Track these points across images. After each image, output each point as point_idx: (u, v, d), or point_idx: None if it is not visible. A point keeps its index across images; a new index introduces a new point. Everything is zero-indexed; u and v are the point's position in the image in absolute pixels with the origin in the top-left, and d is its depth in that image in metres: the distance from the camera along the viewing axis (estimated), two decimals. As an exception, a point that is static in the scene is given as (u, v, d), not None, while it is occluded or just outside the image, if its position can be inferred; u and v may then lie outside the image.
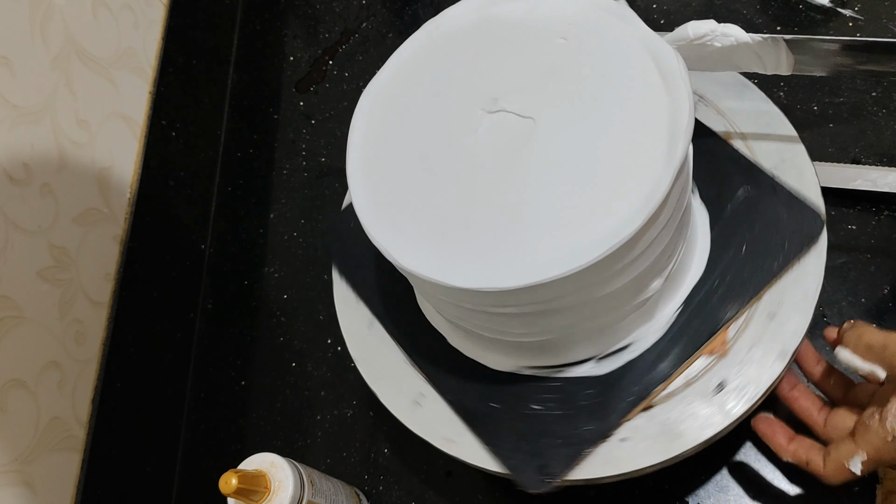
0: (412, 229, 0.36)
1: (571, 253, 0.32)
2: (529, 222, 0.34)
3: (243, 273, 0.70)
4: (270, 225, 0.72)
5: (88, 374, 0.57)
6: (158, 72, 0.71)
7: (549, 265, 0.32)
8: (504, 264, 0.33)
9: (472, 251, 0.35)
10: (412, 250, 0.36)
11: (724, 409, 0.40)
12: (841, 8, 0.62)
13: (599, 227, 0.33)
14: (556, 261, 0.32)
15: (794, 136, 0.47)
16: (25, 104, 0.55)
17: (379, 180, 0.38)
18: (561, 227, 0.34)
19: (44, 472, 0.51)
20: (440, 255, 0.35)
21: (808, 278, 0.42)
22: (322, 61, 0.79)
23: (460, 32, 0.41)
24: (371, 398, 0.47)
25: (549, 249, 0.33)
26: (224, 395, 0.65)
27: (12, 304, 0.51)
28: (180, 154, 0.72)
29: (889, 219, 0.54)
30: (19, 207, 0.53)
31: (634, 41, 0.37)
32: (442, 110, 0.39)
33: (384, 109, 0.41)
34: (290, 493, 0.45)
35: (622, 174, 0.34)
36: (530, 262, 0.33)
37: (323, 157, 0.74)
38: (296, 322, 0.66)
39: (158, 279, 0.66)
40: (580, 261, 0.32)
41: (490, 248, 0.34)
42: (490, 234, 0.35)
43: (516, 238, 0.34)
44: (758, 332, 0.41)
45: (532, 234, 0.34)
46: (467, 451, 0.42)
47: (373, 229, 0.37)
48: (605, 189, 0.34)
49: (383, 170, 0.39)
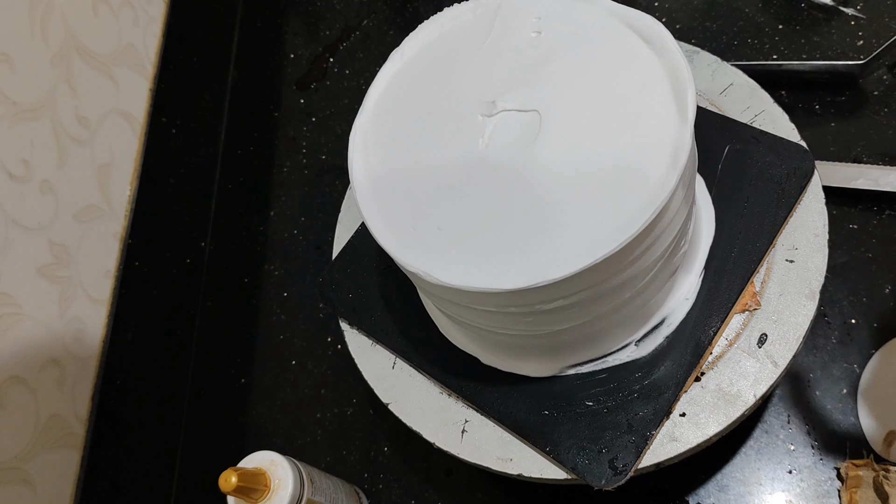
0: (441, 245, 0.35)
1: (611, 231, 0.32)
2: (557, 212, 0.34)
3: (243, 271, 0.70)
4: (270, 222, 0.72)
5: (88, 371, 0.57)
6: (159, 69, 0.71)
7: (593, 247, 0.32)
8: (545, 258, 0.33)
9: (507, 252, 0.34)
10: (448, 266, 0.34)
11: (772, 360, 0.40)
12: (843, 6, 0.62)
13: (631, 202, 0.33)
14: (598, 242, 0.32)
15: (756, 85, 0.48)
16: (25, 101, 0.55)
17: (393, 202, 0.37)
18: (591, 209, 0.33)
19: (43, 470, 0.51)
20: (476, 265, 0.34)
21: (814, 217, 0.43)
22: (323, 59, 0.79)
23: (430, 49, 0.41)
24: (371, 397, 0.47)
25: (586, 234, 0.33)
26: (224, 392, 0.65)
27: (12, 302, 0.51)
28: (180, 151, 0.72)
29: (890, 218, 0.54)
30: (19, 204, 0.53)
31: (609, 18, 0.38)
32: (441, 123, 0.39)
33: (381, 132, 0.40)
34: (290, 492, 0.45)
35: (641, 144, 0.34)
36: (570, 251, 0.33)
37: (323, 154, 0.74)
38: (296, 320, 0.66)
39: (158, 277, 0.66)
40: (624, 234, 0.32)
41: (525, 245, 0.34)
42: (520, 232, 0.34)
43: (547, 231, 0.34)
44: (782, 278, 0.42)
45: (563, 223, 0.34)
46: (529, 466, 0.41)
47: (403, 255, 0.35)
48: (627, 163, 0.34)
49: (396, 192, 0.38)
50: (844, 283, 0.53)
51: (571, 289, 0.33)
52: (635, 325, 0.41)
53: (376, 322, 0.48)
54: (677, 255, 0.39)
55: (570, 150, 0.35)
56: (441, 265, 0.34)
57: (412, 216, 0.37)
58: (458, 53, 0.40)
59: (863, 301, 0.53)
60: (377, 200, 0.38)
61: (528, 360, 0.43)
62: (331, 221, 0.53)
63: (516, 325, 0.38)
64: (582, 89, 0.37)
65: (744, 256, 0.42)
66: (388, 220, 0.37)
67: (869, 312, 0.52)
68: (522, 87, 0.38)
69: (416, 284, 0.41)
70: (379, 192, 0.38)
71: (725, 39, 0.64)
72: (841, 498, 0.48)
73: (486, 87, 0.39)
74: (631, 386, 0.41)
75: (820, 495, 0.48)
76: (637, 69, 0.36)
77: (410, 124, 0.39)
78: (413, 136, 0.39)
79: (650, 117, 0.34)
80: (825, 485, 0.49)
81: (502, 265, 0.34)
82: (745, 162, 0.45)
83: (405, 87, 0.41)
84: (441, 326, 0.46)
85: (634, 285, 0.37)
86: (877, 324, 0.52)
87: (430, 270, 0.34)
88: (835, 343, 0.52)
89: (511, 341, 0.40)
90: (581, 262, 0.32)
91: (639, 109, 0.35)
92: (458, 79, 0.40)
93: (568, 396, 0.42)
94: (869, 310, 0.52)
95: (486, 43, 0.40)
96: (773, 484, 0.49)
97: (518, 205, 0.35)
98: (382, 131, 0.40)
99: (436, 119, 0.39)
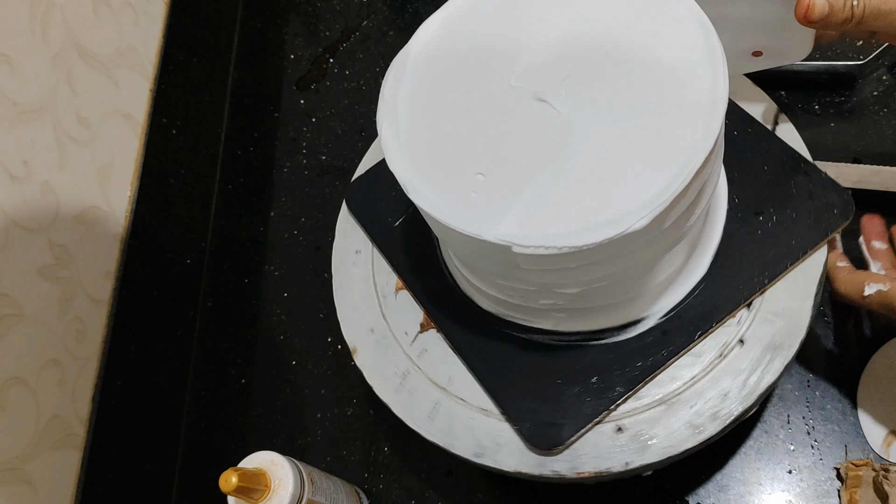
0: (483, 203, 0.35)
1: (658, 185, 0.33)
2: (607, 168, 0.34)
3: (243, 271, 0.70)
4: (271, 223, 0.72)
5: (89, 372, 0.57)
6: (159, 69, 0.71)
7: (650, 201, 0.33)
8: (602, 217, 0.33)
9: (554, 212, 0.34)
10: (496, 223, 0.35)
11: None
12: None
13: (670, 163, 0.33)
14: (629, 213, 0.33)
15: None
16: (26, 101, 0.55)
17: (424, 157, 0.37)
18: (635, 167, 0.34)
19: (44, 471, 0.51)
20: (532, 222, 0.34)
21: None
22: (323, 59, 0.79)
23: (473, 11, 0.41)
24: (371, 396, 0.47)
25: (632, 187, 0.33)
26: (224, 393, 0.65)
27: (13, 302, 0.51)
28: (181, 152, 0.72)
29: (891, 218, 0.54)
30: (20, 205, 0.53)
31: None
32: (477, 85, 0.39)
33: (415, 92, 0.40)
34: (291, 492, 0.45)
35: (678, 96, 0.35)
36: (627, 203, 0.33)
37: (324, 155, 0.74)
38: (296, 320, 0.66)
39: (159, 277, 0.66)
40: (674, 186, 0.32)
41: (578, 204, 0.34)
42: (571, 192, 0.34)
43: (597, 187, 0.34)
44: None
45: (614, 177, 0.34)
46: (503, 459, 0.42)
47: (454, 219, 0.35)
48: (662, 125, 0.35)
49: (427, 147, 0.38)
50: (844, 283, 0.53)
51: (635, 241, 0.34)
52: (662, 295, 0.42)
53: (389, 241, 0.50)
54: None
55: (607, 127, 0.36)
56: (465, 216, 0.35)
57: (445, 168, 0.37)
58: (503, 14, 0.40)
59: (863, 301, 0.53)
60: (407, 151, 0.38)
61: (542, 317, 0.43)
62: (331, 221, 0.53)
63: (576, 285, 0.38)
64: (624, 69, 0.37)
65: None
66: (421, 171, 0.37)
67: (869, 312, 0.52)
68: (560, 50, 0.38)
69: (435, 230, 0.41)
70: (408, 147, 0.38)
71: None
72: (841, 498, 0.48)
73: (530, 50, 0.39)
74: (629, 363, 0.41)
75: (820, 495, 0.48)
76: (672, 42, 0.37)
77: (446, 85, 0.39)
78: (447, 96, 0.39)
79: (686, 88, 0.35)
80: (825, 485, 0.49)
81: (552, 224, 0.34)
82: (788, 184, 0.45)
83: (442, 52, 0.40)
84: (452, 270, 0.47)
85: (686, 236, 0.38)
86: (877, 324, 0.52)
87: (475, 229, 0.34)
88: (835, 343, 0.52)
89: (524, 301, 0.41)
90: (612, 230, 0.32)
91: (671, 78, 0.36)
92: (501, 43, 0.39)
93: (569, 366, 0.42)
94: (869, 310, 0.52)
95: (531, 11, 0.40)
96: (772, 484, 0.49)
97: (560, 163, 0.35)
98: (416, 91, 0.40)
99: (472, 83, 0.39)
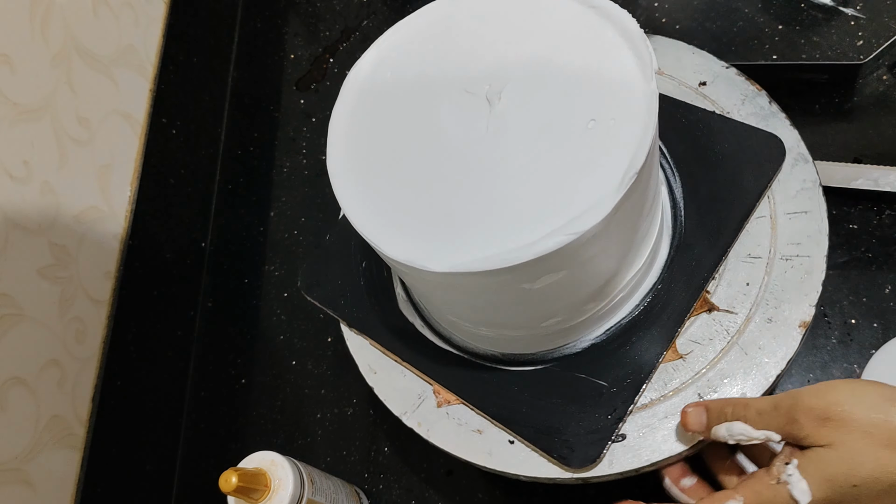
0: (420, 230, 0.36)
1: (602, 194, 0.33)
2: (526, 194, 0.35)
3: (243, 271, 0.70)
4: (271, 223, 0.72)
5: (88, 372, 0.57)
6: (159, 69, 0.71)
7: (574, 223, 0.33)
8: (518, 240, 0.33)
9: (488, 233, 0.34)
10: (430, 251, 0.35)
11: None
12: (843, 6, 0.62)
13: (611, 167, 0.34)
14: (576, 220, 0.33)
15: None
16: (26, 102, 0.55)
17: (369, 189, 0.38)
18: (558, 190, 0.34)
19: (43, 471, 0.51)
20: (453, 247, 0.35)
21: (814, 216, 0.45)
22: (322, 59, 0.79)
23: (409, 41, 0.42)
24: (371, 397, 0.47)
25: (575, 198, 0.34)
26: (224, 393, 0.65)
27: (12, 303, 0.51)
28: (181, 152, 0.72)
29: (890, 218, 0.54)
30: (19, 205, 0.53)
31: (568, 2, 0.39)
32: (415, 111, 0.39)
33: (358, 122, 0.41)
34: (290, 492, 0.45)
35: (611, 103, 0.35)
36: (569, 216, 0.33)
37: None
38: (296, 320, 0.66)
39: (159, 277, 0.66)
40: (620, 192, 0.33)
41: (495, 226, 0.34)
42: (490, 211, 0.35)
43: (530, 203, 0.34)
44: (781, 276, 0.44)
45: (534, 204, 0.34)
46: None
47: (387, 246, 0.36)
48: (601, 111, 0.35)
49: (374, 178, 0.38)
50: (844, 283, 0.53)
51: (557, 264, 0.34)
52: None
53: (358, 313, 0.50)
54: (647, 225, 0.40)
55: (537, 135, 0.36)
56: (420, 251, 0.35)
57: (391, 202, 0.37)
58: (435, 42, 0.41)
59: (863, 301, 0.53)
60: (353, 186, 0.38)
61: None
62: (331, 221, 0.53)
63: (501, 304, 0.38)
64: (550, 71, 0.37)
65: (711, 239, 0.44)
66: (368, 208, 0.37)
67: (869, 312, 0.52)
68: (494, 71, 0.39)
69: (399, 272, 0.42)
70: (354, 179, 0.39)
71: (725, 40, 0.64)
72: None
73: (463, 71, 0.39)
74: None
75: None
76: (600, 47, 0.37)
77: (386, 115, 0.40)
78: (389, 124, 0.40)
79: (617, 96, 0.35)
80: None
81: (487, 244, 0.34)
82: (713, 148, 0.46)
83: (379, 83, 0.41)
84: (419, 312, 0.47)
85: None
86: (877, 324, 0.52)
87: (412, 259, 0.35)
88: (835, 343, 0.52)
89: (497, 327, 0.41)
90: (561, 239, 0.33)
91: (604, 88, 0.36)
92: (433, 67, 0.40)
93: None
94: (869, 310, 0.52)
95: (462, 32, 0.41)
96: (773, 484, 0.49)
97: (486, 186, 0.36)
98: (359, 121, 0.41)
99: (410, 107, 0.39)
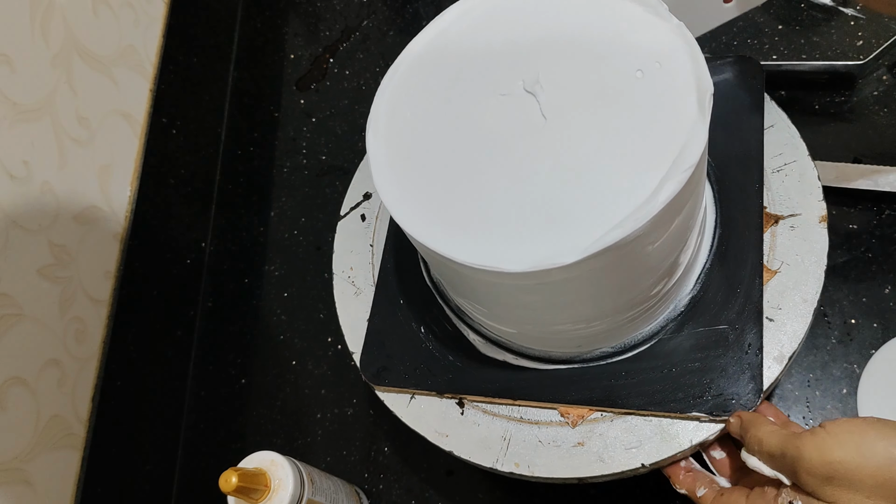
0: (470, 229, 0.35)
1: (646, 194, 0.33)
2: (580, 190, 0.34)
3: (244, 271, 0.70)
4: (271, 223, 0.72)
5: (88, 372, 0.57)
6: (159, 69, 0.71)
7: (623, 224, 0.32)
8: (584, 226, 0.33)
9: (524, 232, 0.34)
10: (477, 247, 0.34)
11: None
12: (842, 7, 0.62)
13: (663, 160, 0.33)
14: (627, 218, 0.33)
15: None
16: (26, 101, 0.55)
17: (411, 182, 0.37)
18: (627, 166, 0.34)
19: (44, 471, 0.51)
20: (502, 246, 0.34)
21: (814, 215, 0.45)
22: (323, 59, 0.79)
23: (456, 28, 0.41)
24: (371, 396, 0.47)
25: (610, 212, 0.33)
26: (224, 393, 0.65)
27: (12, 302, 0.51)
28: (181, 152, 0.72)
29: (890, 218, 0.54)
30: (20, 205, 0.53)
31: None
32: (462, 97, 0.38)
33: (402, 108, 0.40)
34: (291, 492, 0.45)
35: (667, 107, 0.35)
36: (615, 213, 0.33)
37: (324, 155, 0.74)
38: (296, 320, 0.66)
39: (159, 277, 0.66)
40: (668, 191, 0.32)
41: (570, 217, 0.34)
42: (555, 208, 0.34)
43: (590, 196, 0.34)
44: (781, 277, 0.44)
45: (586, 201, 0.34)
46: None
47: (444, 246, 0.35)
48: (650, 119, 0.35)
49: (415, 171, 0.37)
50: (844, 283, 0.53)
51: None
52: None
53: (444, 376, 0.46)
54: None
55: (585, 129, 0.35)
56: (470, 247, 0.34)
57: (445, 206, 0.36)
58: (485, 31, 0.40)
59: (863, 301, 0.53)
60: (396, 180, 0.37)
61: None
62: (331, 222, 0.53)
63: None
64: (596, 68, 0.37)
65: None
66: (423, 216, 0.36)
67: (869, 312, 0.52)
68: (543, 66, 0.38)
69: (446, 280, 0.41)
70: (397, 171, 0.38)
71: (725, 39, 0.64)
72: None
73: (511, 66, 0.39)
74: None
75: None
76: (647, 48, 0.37)
77: (431, 103, 0.39)
78: (434, 114, 0.39)
79: (670, 97, 0.35)
80: None
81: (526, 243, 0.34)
82: None
83: (427, 64, 0.40)
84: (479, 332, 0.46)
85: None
86: (877, 324, 0.52)
87: (488, 263, 0.34)
88: (835, 343, 0.52)
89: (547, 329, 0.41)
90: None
91: (653, 92, 0.35)
92: (480, 58, 0.39)
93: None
94: (869, 310, 0.52)
95: (513, 22, 0.40)
96: (773, 484, 0.49)
97: (542, 182, 0.35)
98: (403, 106, 0.40)
99: (458, 99, 0.39)
